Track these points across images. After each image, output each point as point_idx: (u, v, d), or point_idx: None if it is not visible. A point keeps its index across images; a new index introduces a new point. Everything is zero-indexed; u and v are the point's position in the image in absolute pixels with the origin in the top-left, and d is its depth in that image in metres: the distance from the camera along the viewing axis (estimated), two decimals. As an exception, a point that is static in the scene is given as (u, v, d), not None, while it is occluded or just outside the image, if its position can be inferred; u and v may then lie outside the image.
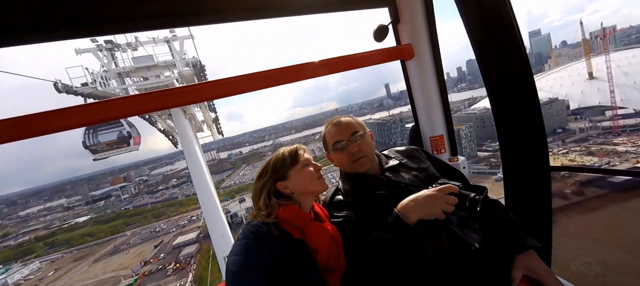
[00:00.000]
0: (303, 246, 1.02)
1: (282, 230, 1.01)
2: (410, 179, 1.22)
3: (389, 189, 1.18)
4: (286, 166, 1.11)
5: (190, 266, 33.34)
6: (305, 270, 0.99)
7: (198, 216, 48.45)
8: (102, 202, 74.93)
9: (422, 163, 1.32)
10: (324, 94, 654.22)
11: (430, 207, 0.96)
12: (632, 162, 30.71)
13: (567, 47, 78.21)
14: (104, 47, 10.45)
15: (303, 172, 1.11)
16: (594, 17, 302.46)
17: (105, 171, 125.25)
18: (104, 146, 9.73)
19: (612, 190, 2.01)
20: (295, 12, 1.64)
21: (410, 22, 1.81)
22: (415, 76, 1.92)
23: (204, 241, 37.76)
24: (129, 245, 45.45)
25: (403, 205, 1.01)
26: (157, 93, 1.30)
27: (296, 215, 1.05)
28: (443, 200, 0.97)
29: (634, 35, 72.27)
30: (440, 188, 1.00)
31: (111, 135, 9.77)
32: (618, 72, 40.46)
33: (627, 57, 43.11)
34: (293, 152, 1.14)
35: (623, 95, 38.96)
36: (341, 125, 1.29)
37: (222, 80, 1.43)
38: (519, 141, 1.65)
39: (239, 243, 0.97)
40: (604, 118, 36.95)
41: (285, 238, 1.00)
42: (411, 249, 0.97)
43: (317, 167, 1.15)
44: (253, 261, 0.92)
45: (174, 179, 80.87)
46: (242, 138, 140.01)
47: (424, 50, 1.83)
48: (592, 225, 2.08)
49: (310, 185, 1.11)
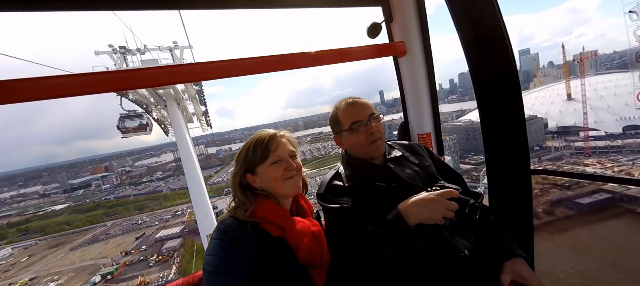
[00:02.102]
0: (283, 243, 0.99)
1: (260, 230, 0.97)
2: (411, 175, 1.23)
3: (389, 182, 1.19)
4: (255, 159, 1.04)
5: (173, 259, 33.53)
6: (288, 266, 0.96)
7: (183, 211, 48.37)
8: (81, 190, 73.57)
9: (424, 161, 1.32)
10: (318, 97, 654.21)
11: (431, 212, 0.97)
12: (599, 184, 33.59)
13: (553, 67, 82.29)
14: (118, 50, 12.83)
15: (269, 171, 1.03)
16: (581, 39, 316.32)
17: (85, 159, 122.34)
18: (129, 129, 13.20)
19: (579, 211, 2.08)
20: (291, 4, 1.70)
21: (403, 21, 1.89)
22: (407, 73, 2.01)
23: (188, 236, 38.02)
24: (109, 236, 45.15)
25: (406, 206, 1.01)
26: (151, 70, 1.34)
27: (273, 213, 1.01)
28: (444, 206, 0.97)
29: (616, 61, 76.54)
30: (442, 193, 1.00)
31: (134, 122, 13.16)
32: (595, 95, 43.42)
33: (605, 81, 46.08)
34: (265, 143, 1.05)
35: (597, 117, 41.65)
36: (358, 104, 1.26)
37: (215, 63, 1.45)
38: (504, 145, 1.74)
39: (212, 242, 0.95)
40: (578, 139, 39.58)
41: (262, 238, 0.96)
42: (404, 248, 1.00)
43: (290, 166, 1.05)
44: (228, 262, 0.90)
45: (159, 172, 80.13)
46: (232, 135, 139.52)
47: (415, 48, 1.92)
48: (561, 243, 2.09)
49: (275, 186, 1.04)
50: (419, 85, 1.98)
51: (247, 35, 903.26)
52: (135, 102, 13.89)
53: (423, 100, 2.01)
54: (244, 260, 0.92)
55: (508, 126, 1.69)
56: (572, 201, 2.31)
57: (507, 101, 1.64)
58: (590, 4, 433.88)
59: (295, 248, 1.00)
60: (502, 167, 1.78)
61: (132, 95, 13.79)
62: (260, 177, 1.05)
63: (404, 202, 1.02)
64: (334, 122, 1.33)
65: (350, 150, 1.31)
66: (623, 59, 68.31)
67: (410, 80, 2.00)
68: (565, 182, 2.24)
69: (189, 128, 15.04)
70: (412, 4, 1.85)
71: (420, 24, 1.90)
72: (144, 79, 1.35)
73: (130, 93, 13.78)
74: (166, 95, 14.15)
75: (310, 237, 1.03)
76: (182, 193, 59.07)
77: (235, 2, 1.59)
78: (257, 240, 0.95)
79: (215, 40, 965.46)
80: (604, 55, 75.98)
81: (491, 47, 1.60)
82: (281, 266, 0.96)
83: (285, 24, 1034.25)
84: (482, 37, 1.62)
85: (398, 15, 1.91)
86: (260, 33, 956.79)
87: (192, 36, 13.26)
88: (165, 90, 13.97)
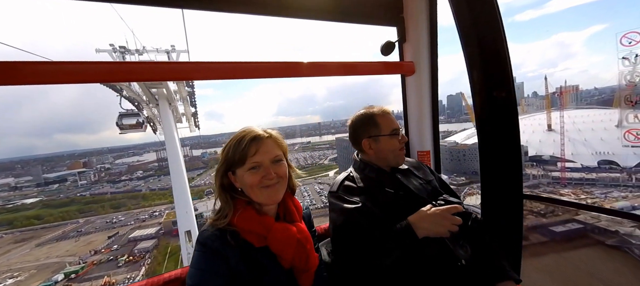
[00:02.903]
0: (267, 251, 0.96)
1: (242, 240, 0.93)
2: (417, 187, 1.30)
3: (396, 190, 1.25)
4: (235, 161, 0.97)
5: (144, 261, 32.51)
6: (271, 272, 0.94)
7: (160, 212, 47.19)
8: (55, 185, 70.94)
9: (427, 176, 1.41)
10: (309, 107, 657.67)
11: (440, 227, 1.04)
12: (572, 214, 34.84)
13: (536, 98, 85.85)
14: (118, 49, 13.68)
15: (246, 176, 0.97)
16: (565, 73, 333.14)
17: (64, 154, 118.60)
18: (126, 126, 14.16)
19: (552, 239, 2.13)
20: (306, 16, 1.72)
21: (415, 42, 1.98)
22: (412, 92, 2.09)
23: (163, 238, 37.04)
24: (80, 233, 43.42)
25: (416, 220, 1.08)
26: (150, 64, 1.32)
27: (254, 223, 0.95)
28: (450, 221, 1.04)
29: (596, 97, 79.84)
30: (448, 209, 1.07)
31: (132, 120, 14.30)
32: (573, 128, 45.41)
33: (583, 116, 48.33)
34: (243, 144, 0.96)
35: (574, 149, 43.40)
36: (391, 115, 1.37)
37: (221, 63, 1.45)
38: (499, 167, 1.79)
39: (195, 254, 0.92)
40: (555, 169, 41.09)
41: (244, 248, 0.93)
42: (408, 256, 1.07)
43: (269, 175, 0.96)
44: (208, 275, 0.88)
45: (140, 171, 78.37)
46: (219, 138, 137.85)
47: (423, 69, 2.00)
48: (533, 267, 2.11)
49: (251, 193, 0.98)
50: (423, 104, 2.05)
51: (248, 40, 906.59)
52: (128, 99, 14.60)
53: (425, 118, 2.07)
54: (224, 272, 0.90)
55: (504, 148, 1.74)
56: (546, 228, 2.35)
57: (505, 124, 1.70)
58: (576, 40, 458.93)
59: (278, 256, 0.98)
60: (496, 188, 1.82)
61: (126, 92, 14.42)
62: (239, 179, 1.00)
63: (414, 216, 1.10)
64: (369, 125, 1.35)
65: (379, 154, 1.33)
66: (602, 96, 72.01)
67: (415, 99, 2.07)
68: (541, 210, 2.24)
69: (177, 127, 15.75)
70: (425, 28, 1.94)
71: (431, 47, 1.98)
72: (141, 72, 1.36)
73: (124, 90, 14.45)
74: (159, 94, 14.83)
75: (296, 245, 0.99)
76: (161, 194, 57.73)
77: (247, 7, 1.56)
78: (239, 250, 0.92)
79: (217, 43, 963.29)
80: (585, 91, 80.00)
81: (494, 67, 1.66)
82: (264, 273, 0.94)
83: (286, 29, 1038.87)
84: (487, 57, 1.68)
85: (411, 36, 2.00)
86: (262, 38, 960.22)
87: (193, 39, 13.96)
88: (158, 89, 14.67)
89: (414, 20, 1.95)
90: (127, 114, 14.03)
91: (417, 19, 1.94)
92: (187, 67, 1.49)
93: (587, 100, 76.89)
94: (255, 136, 0.98)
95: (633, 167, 32.81)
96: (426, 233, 1.05)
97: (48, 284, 28.54)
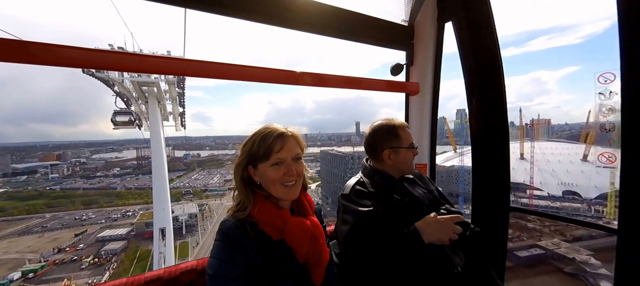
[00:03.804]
0: (283, 245, 1.00)
1: (260, 231, 0.97)
2: (421, 195, 1.39)
3: (403, 196, 1.32)
4: (258, 155, 1.01)
5: (110, 264, 31.02)
6: (286, 265, 0.99)
7: (134, 212, 45.50)
8: (24, 176, 67.29)
9: (429, 186, 1.50)
10: (298, 118, 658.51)
11: (443, 235, 1.12)
12: (535, 239, 36.46)
13: (513, 127, 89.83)
14: (116, 49, 14.33)
15: (268, 172, 1.01)
16: (540, 107, 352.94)
17: (37, 144, 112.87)
18: (120, 123, 15.32)
19: (517, 263, 2.57)
20: (323, 33, 1.81)
21: (422, 66, 2.17)
22: (415, 110, 2.29)
23: (133, 240, 35.63)
24: (45, 229, 41.15)
25: (422, 225, 1.16)
26: (146, 57, 1.36)
27: (273, 216, 1.00)
28: (452, 230, 1.13)
29: (566, 131, 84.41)
30: (451, 217, 1.15)
31: (125, 118, 15.47)
32: (543, 158, 47.92)
33: (552, 148, 51.13)
34: (269, 140, 1.00)
35: (542, 178, 45.59)
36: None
37: (228, 66, 1.47)
38: (490, 184, 1.94)
39: (215, 244, 0.96)
40: (524, 195, 42.95)
41: (262, 239, 0.97)
42: (415, 259, 1.15)
43: (291, 171, 1.02)
44: (228, 266, 0.92)
45: (117, 168, 75.64)
46: (204, 141, 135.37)
47: (427, 91, 2.19)
48: None
49: (272, 188, 1.02)
50: (424, 123, 2.23)
51: (257, 49, 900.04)
52: (118, 94, 15.59)
53: (425, 134, 2.24)
54: (244, 263, 0.93)
55: (496, 167, 1.89)
56: (511, 253, 2.43)
57: (497, 146, 1.87)
58: (551, 78, 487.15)
59: (293, 249, 1.01)
60: (487, 201, 1.95)
61: (117, 87, 15.34)
62: (260, 174, 1.04)
63: (420, 222, 1.17)
64: (392, 137, 1.40)
65: (397, 164, 1.40)
66: (572, 131, 76.28)
67: (417, 116, 2.26)
68: (509, 235, 2.35)
69: (164, 125, 16.64)
70: (432, 54, 2.13)
71: (434, 72, 2.16)
72: (140, 64, 1.38)
73: (116, 86, 15.27)
74: (149, 92, 15.61)
75: (310, 240, 1.03)
76: (137, 194, 55.85)
77: (260, 17, 1.58)
78: (257, 243, 0.96)
79: (221, 48, 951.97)
80: (557, 125, 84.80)
81: (492, 96, 1.81)
82: (280, 266, 0.98)
83: (289, 41, 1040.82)
84: (486, 86, 1.83)
85: (418, 61, 2.18)
86: (269, 48, 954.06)
87: (195, 42, 14.49)
88: (149, 87, 15.52)
89: (422, 46, 2.15)
90: (121, 112, 15.54)
91: (426, 45, 2.13)
92: (193, 65, 1.44)
93: (558, 133, 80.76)
94: (281, 133, 1.03)
95: (593, 199, 34.86)
96: (431, 239, 1.12)
97: (2, 282, 26.60)
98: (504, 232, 1.92)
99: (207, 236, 37.15)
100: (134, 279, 1.18)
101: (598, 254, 12.85)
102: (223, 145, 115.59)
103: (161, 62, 1.44)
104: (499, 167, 1.90)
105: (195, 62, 1.41)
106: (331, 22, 1.83)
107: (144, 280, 1.18)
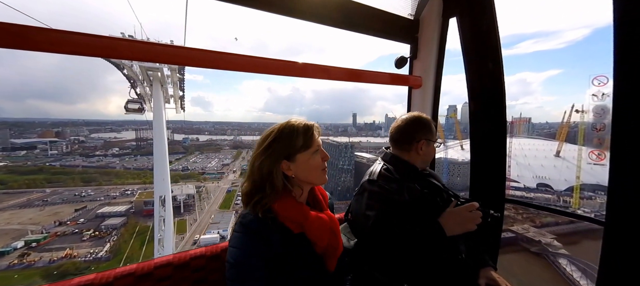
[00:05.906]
0: (303, 238, 1.01)
1: (280, 224, 0.97)
2: (436, 186, 1.39)
3: (422, 187, 1.32)
4: (297, 147, 1.00)
5: (110, 237, 31.08)
6: (303, 255, 1.00)
7: (133, 191, 45.05)
8: (23, 151, 65.53)
9: (441, 180, 1.51)
10: (297, 107, 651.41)
11: (465, 225, 1.14)
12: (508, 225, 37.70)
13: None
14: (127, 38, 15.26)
15: (311, 160, 1.02)
16: (524, 107, 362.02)
17: (35, 120, 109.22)
18: (131, 110, 16.87)
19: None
20: (323, 21, 1.73)
21: (425, 60, 2.13)
22: (417, 103, 2.25)
23: (132, 217, 35.46)
24: (46, 203, 40.48)
25: (446, 219, 1.16)
26: (148, 45, 1.31)
27: (295, 211, 1.00)
28: (473, 219, 1.14)
29: (546, 130, 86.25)
30: (468, 206, 1.17)
31: (135, 105, 17.05)
32: (521, 153, 49.06)
33: (530, 144, 52.37)
34: (308, 131, 1.02)
35: (519, 172, 46.87)
36: None
37: (226, 54, 1.42)
38: (487, 178, 1.95)
39: (236, 235, 0.95)
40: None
41: (284, 232, 0.97)
42: (436, 247, 1.17)
43: (326, 156, 1.05)
44: (249, 256, 0.91)
45: (116, 148, 74.28)
46: (203, 126, 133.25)
47: (429, 85, 2.16)
48: None
49: (313, 176, 1.04)
50: (426, 115, 2.21)
51: (261, 39, 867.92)
52: (126, 76, 16.69)
53: None
54: (265, 254, 0.93)
55: (493, 162, 1.91)
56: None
57: (495, 143, 1.89)
58: (536, 79, 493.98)
59: (313, 242, 1.02)
60: (484, 194, 1.96)
61: (126, 71, 16.39)
62: (298, 165, 1.02)
63: (442, 216, 1.19)
64: (427, 130, 1.41)
65: (425, 157, 1.42)
66: (551, 129, 78.45)
67: (419, 110, 2.16)
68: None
69: (166, 107, 17.99)
70: (435, 50, 2.10)
71: (437, 66, 2.13)
72: (143, 52, 1.29)
73: (125, 69, 16.28)
74: (154, 76, 16.83)
75: (329, 233, 1.04)
76: (136, 174, 55.14)
77: (266, 5, 1.52)
78: (279, 236, 0.96)
79: (217, 33, 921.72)
80: (538, 124, 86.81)
81: (491, 91, 1.81)
82: (300, 258, 0.99)
83: (292, 31, 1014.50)
84: (487, 81, 1.82)
85: (422, 55, 2.15)
86: (273, 38, 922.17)
87: (196, 32, 14.02)
88: (154, 72, 16.66)
89: (427, 41, 2.12)
90: (133, 101, 17.14)
91: (430, 40, 2.10)
92: (193, 54, 1.38)
93: (538, 131, 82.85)
94: (311, 124, 1.06)
95: (562, 191, 36.17)
96: (455, 232, 1.13)
97: (6, 249, 26.72)
98: (499, 222, 1.98)
99: (204, 215, 37.47)
100: (144, 265, 1.16)
101: (561, 238, 13.51)
102: (222, 131, 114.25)
103: (163, 50, 1.38)
104: (497, 160, 1.92)
105: (198, 50, 1.37)
106: (338, 13, 1.78)
107: (154, 265, 1.16)
